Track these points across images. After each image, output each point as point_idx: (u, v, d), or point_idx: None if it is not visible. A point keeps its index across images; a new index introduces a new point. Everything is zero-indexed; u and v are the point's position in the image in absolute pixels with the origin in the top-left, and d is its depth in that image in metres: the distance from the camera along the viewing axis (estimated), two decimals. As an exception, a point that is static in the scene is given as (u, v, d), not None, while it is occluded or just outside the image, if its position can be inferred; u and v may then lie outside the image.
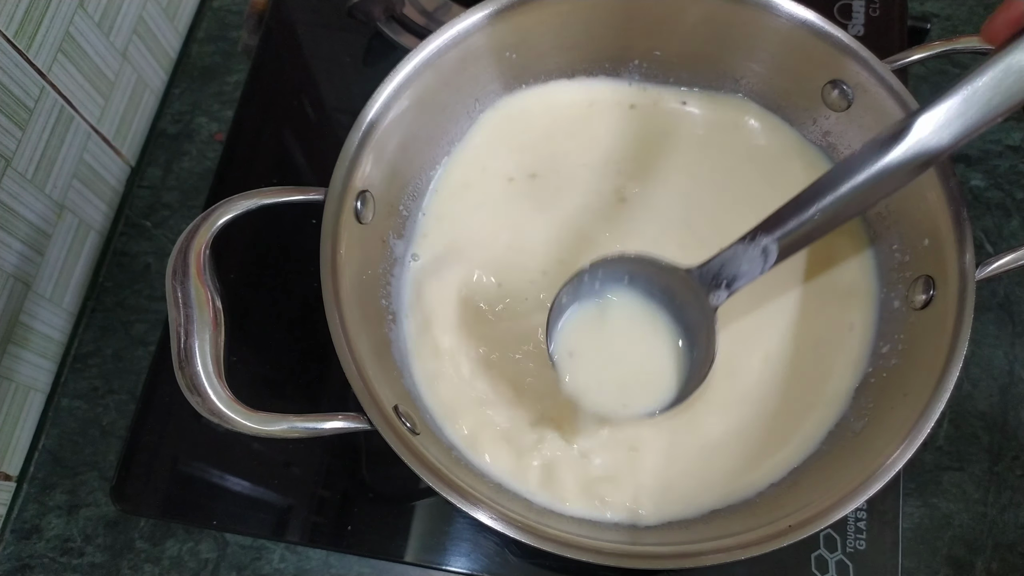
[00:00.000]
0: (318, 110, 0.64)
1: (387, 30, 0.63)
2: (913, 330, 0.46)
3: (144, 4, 0.64)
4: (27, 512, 0.57)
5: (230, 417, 0.38)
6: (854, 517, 0.49)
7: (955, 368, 0.40)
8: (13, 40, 0.52)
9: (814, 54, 0.48)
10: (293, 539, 0.52)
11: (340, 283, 0.43)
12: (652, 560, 0.39)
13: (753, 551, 0.38)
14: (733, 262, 0.42)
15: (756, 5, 0.48)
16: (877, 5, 0.62)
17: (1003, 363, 0.58)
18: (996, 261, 0.43)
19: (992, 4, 0.69)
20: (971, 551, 0.53)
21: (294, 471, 0.53)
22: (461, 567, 0.50)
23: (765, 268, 0.41)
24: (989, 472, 0.55)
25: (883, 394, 0.45)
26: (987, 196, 0.63)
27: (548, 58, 0.54)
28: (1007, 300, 0.59)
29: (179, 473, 0.53)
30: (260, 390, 0.55)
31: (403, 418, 0.42)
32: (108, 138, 0.64)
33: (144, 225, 0.65)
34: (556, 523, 0.43)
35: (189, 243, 0.41)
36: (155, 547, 0.55)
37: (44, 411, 0.60)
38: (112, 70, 0.62)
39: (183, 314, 0.39)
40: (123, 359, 0.61)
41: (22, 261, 0.56)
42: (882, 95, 0.47)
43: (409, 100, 0.48)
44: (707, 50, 0.52)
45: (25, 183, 0.55)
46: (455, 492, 0.39)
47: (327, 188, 0.44)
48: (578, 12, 0.51)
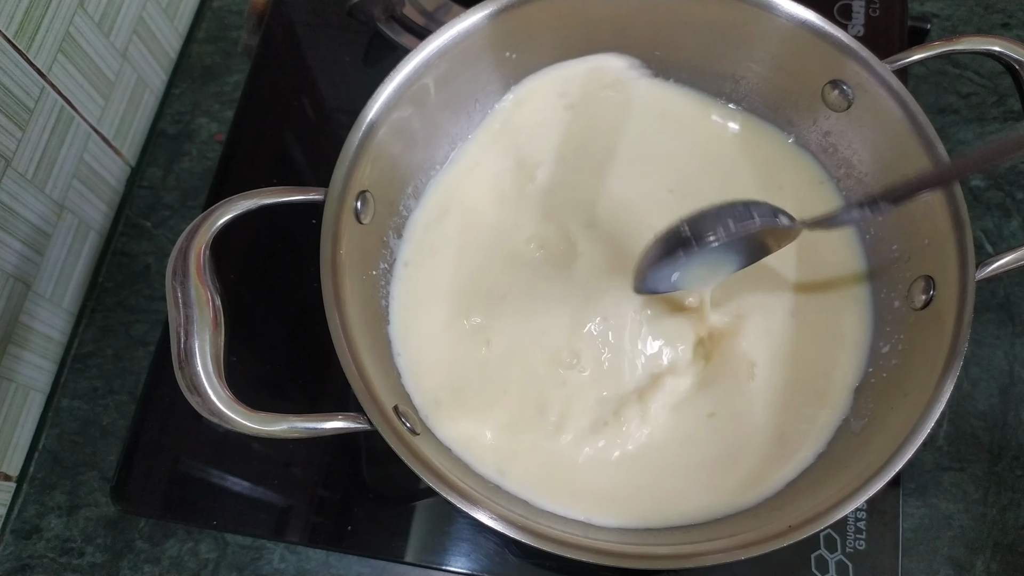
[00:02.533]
0: (318, 110, 0.64)
1: (387, 30, 0.63)
2: (913, 330, 0.46)
3: (144, 4, 0.64)
4: (27, 512, 0.57)
5: (230, 417, 0.38)
6: (854, 517, 0.49)
7: (955, 368, 0.40)
8: (13, 40, 0.52)
9: (814, 54, 0.48)
10: (293, 539, 0.52)
11: (340, 283, 0.43)
12: (652, 560, 0.39)
13: (753, 551, 0.38)
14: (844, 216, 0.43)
15: (756, 5, 0.48)
16: (877, 5, 0.62)
17: (1003, 363, 0.58)
18: (996, 261, 0.43)
19: (992, 4, 0.69)
20: (971, 551, 0.53)
21: (294, 471, 0.53)
22: (461, 567, 0.50)
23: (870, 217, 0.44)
24: (989, 472, 0.55)
25: (883, 394, 0.45)
26: (987, 196, 0.63)
27: (548, 58, 0.54)
28: (1007, 300, 0.59)
29: (179, 473, 0.53)
30: (260, 390, 0.55)
31: (403, 418, 0.42)
32: (108, 138, 0.64)
33: (144, 225, 0.65)
34: (556, 523, 0.43)
35: (189, 243, 0.41)
36: (155, 547, 0.55)
37: (44, 411, 0.60)
38: (112, 70, 0.62)
39: (183, 314, 0.39)
40: (123, 359, 0.61)
41: (22, 261, 0.56)
42: (882, 95, 0.47)
43: (409, 100, 0.48)
44: (707, 50, 0.52)
45: (25, 183, 0.55)
46: (455, 492, 0.39)
47: (327, 188, 0.44)
48: (578, 12, 0.51)
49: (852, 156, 0.51)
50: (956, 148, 0.64)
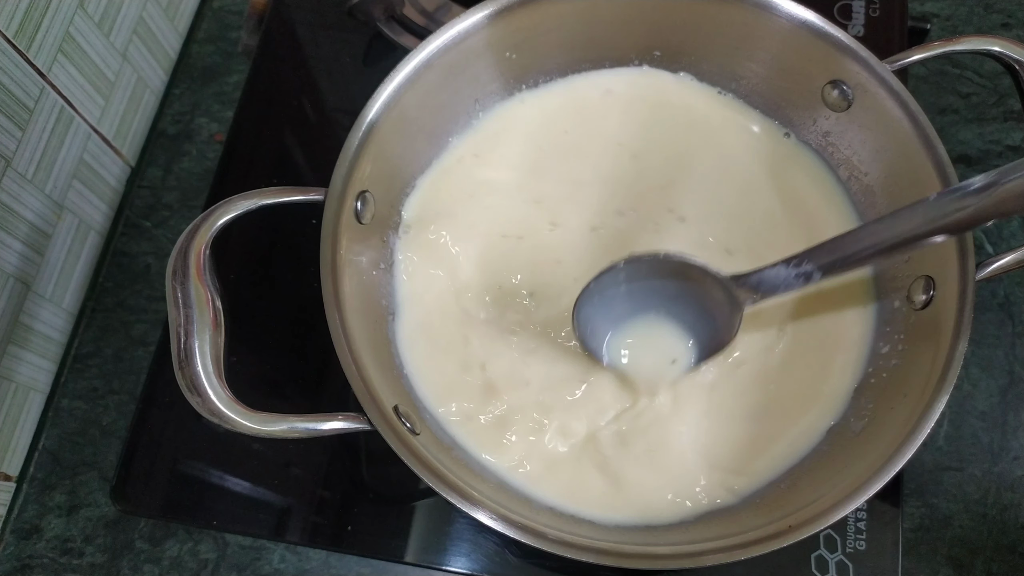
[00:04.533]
0: (318, 110, 0.64)
1: (387, 30, 0.63)
2: (913, 330, 0.46)
3: (144, 4, 0.64)
4: (27, 512, 0.57)
5: (230, 417, 0.38)
6: (854, 517, 0.49)
7: (955, 368, 0.40)
8: (13, 40, 0.52)
9: (814, 54, 0.48)
10: (293, 539, 0.52)
11: (340, 283, 0.43)
12: (652, 560, 0.39)
13: (753, 551, 0.38)
14: (773, 279, 0.43)
15: (756, 5, 0.48)
16: (877, 5, 0.62)
17: (1003, 363, 0.58)
18: (996, 261, 0.43)
19: (992, 4, 0.69)
20: (971, 551, 0.53)
21: (294, 471, 0.53)
22: (461, 567, 0.50)
23: (804, 287, 0.42)
24: (989, 472, 0.55)
25: (883, 394, 0.45)
26: (987, 196, 0.63)
27: (548, 58, 0.54)
28: (1007, 300, 0.59)
29: (179, 473, 0.53)
30: (260, 390, 0.55)
31: (403, 418, 0.42)
32: (108, 138, 0.64)
33: (144, 225, 0.65)
34: (556, 523, 0.43)
35: (189, 243, 0.41)
36: (155, 547, 0.55)
37: (44, 411, 0.60)
38: (112, 70, 0.62)
39: (183, 314, 0.39)
40: (123, 359, 0.61)
41: (22, 261, 0.56)
42: (882, 95, 0.47)
43: (409, 100, 0.48)
44: (707, 50, 0.53)
45: (25, 183, 0.55)
46: (455, 492, 0.39)
47: (327, 188, 0.44)
48: (578, 12, 0.51)
49: (852, 156, 0.51)
50: (956, 148, 0.64)
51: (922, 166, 0.45)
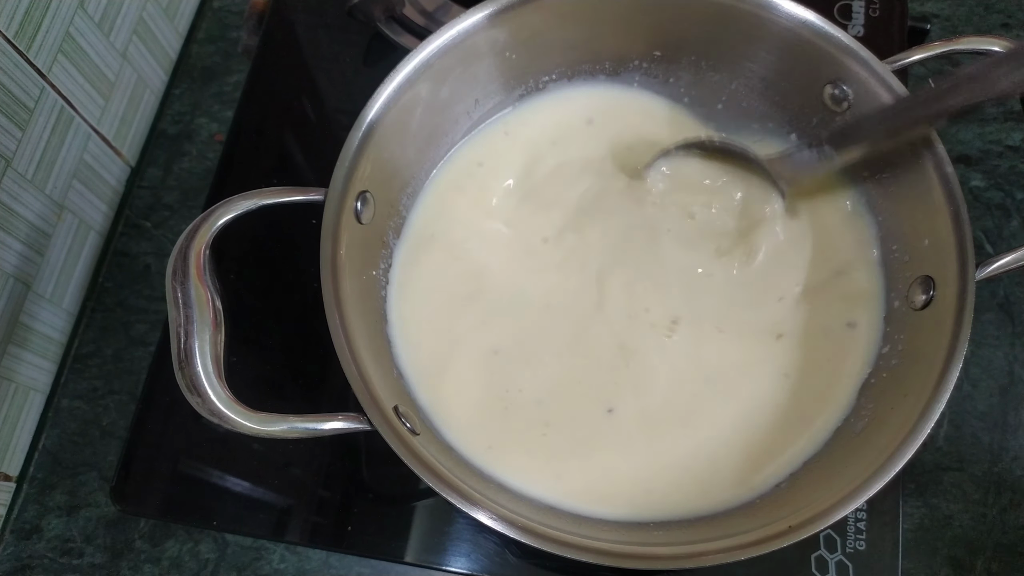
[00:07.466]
0: (318, 110, 0.64)
1: (387, 30, 0.63)
2: (913, 330, 0.46)
3: (144, 4, 0.64)
4: (27, 512, 0.57)
5: (230, 417, 0.38)
6: (854, 517, 0.49)
7: (955, 368, 0.40)
8: (13, 40, 0.52)
9: (814, 54, 0.48)
10: (293, 539, 0.52)
11: (340, 283, 0.43)
12: (652, 560, 0.39)
13: (753, 551, 0.38)
14: (798, 160, 0.50)
15: (756, 5, 0.48)
16: (877, 5, 0.62)
17: (1003, 363, 0.58)
18: (996, 261, 0.43)
19: (992, 4, 0.69)
20: (971, 551, 0.53)
21: (294, 471, 0.53)
22: (461, 567, 0.50)
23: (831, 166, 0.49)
24: (989, 472, 0.55)
25: (883, 394, 0.45)
26: (987, 196, 0.63)
27: (548, 59, 0.54)
28: (1007, 300, 0.59)
29: (179, 473, 0.53)
30: (260, 390, 0.55)
31: (403, 418, 0.42)
32: (108, 138, 0.64)
33: (144, 225, 0.65)
34: (556, 523, 0.43)
35: (189, 243, 0.41)
36: (155, 547, 0.55)
37: (44, 411, 0.60)
38: (112, 70, 0.62)
39: (183, 314, 0.39)
40: (123, 359, 0.61)
41: (22, 261, 0.56)
42: (882, 96, 0.47)
43: (409, 100, 0.48)
44: (707, 50, 0.52)
45: (25, 183, 0.55)
46: (455, 492, 0.39)
47: (327, 188, 0.44)
48: (578, 13, 0.51)
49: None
50: (956, 148, 0.64)
51: (922, 166, 0.45)
